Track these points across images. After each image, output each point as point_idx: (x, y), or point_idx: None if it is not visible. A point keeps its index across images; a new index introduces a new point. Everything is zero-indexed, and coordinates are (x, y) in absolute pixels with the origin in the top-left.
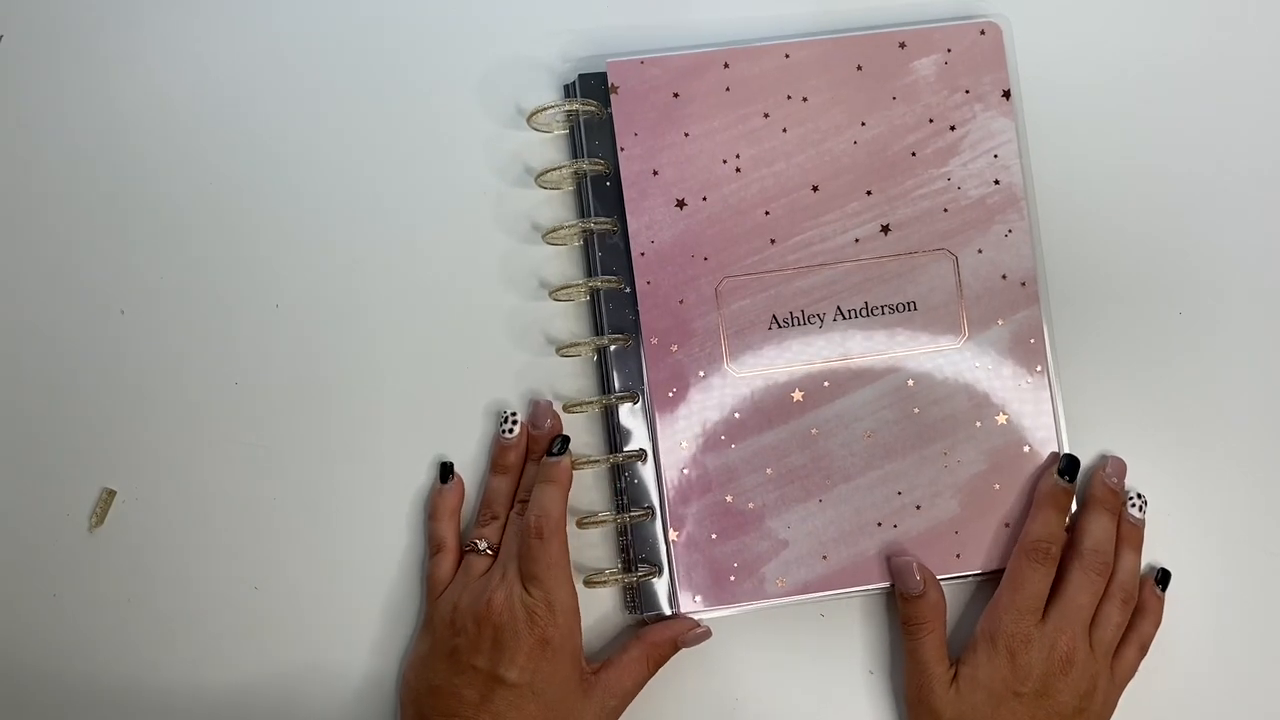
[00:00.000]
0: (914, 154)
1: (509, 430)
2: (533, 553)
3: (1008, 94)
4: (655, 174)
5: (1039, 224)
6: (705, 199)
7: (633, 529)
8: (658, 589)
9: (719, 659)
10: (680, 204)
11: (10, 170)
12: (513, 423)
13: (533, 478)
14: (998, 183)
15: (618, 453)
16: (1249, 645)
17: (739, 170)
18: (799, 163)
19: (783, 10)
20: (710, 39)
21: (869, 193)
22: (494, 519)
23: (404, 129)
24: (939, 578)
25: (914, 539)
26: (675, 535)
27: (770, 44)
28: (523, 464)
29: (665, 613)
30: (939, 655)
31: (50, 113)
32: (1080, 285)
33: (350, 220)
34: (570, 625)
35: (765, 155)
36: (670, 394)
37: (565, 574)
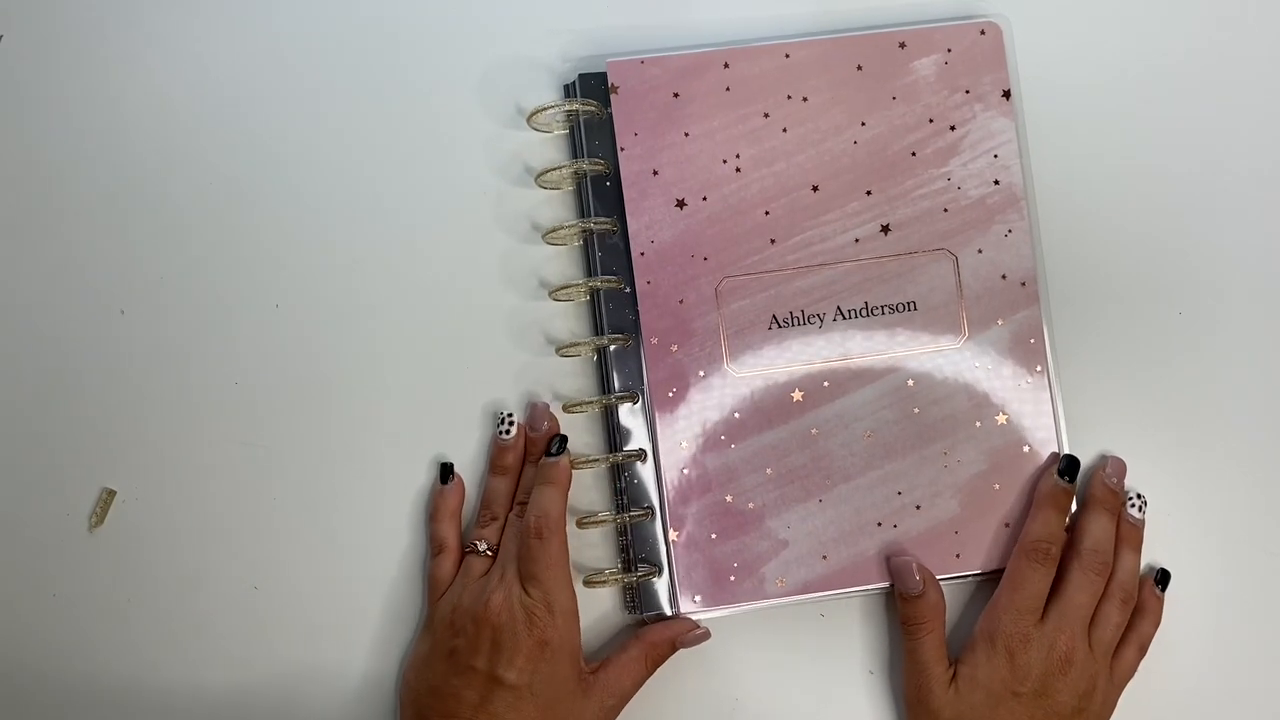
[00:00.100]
0: (914, 154)
1: (506, 431)
2: (532, 553)
3: (1008, 94)
4: (655, 174)
5: (1039, 224)
6: (705, 199)
7: (632, 529)
8: (657, 589)
9: (719, 659)
10: (680, 204)
11: (10, 170)
12: (509, 424)
13: (532, 479)
14: (998, 183)
15: (617, 453)
16: (1249, 645)
17: (739, 170)
18: (799, 163)
19: (783, 10)
20: (710, 39)
21: (869, 193)
22: (493, 520)
23: (404, 129)
24: (939, 578)
25: (914, 539)
26: (675, 535)
27: (770, 44)
28: (521, 465)
29: (665, 613)
30: (938, 655)
31: (50, 113)
32: (1080, 285)
33: (350, 220)
34: (569, 626)
35: (765, 155)
36: (670, 394)
37: (564, 574)
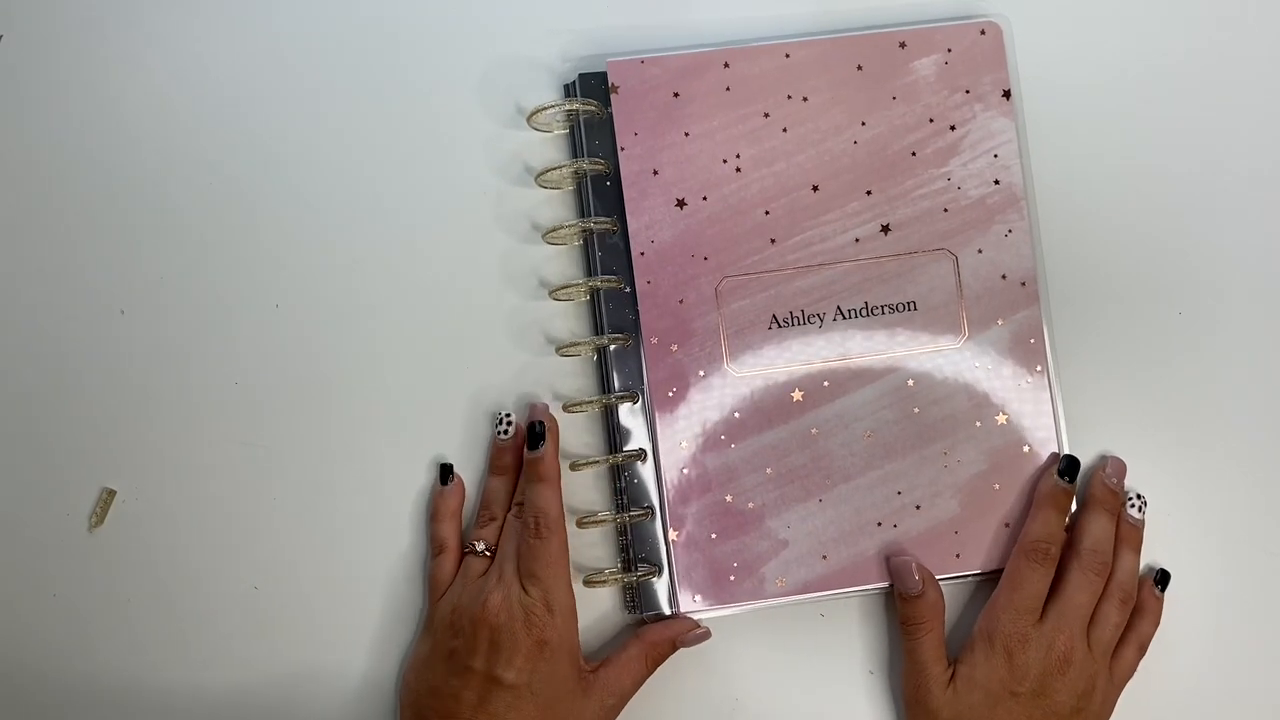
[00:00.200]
0: (914, 154)
1: (504, 431)
2: (532, 551)
3: (1008, 94)
4: (655, 174)
5: (1039, 224)
6: (705, 199)
7: (632, 529)
8: (657, 589)
9: (719, 659)
10: (680, 204)
11: (10, 170)
12: (508, 424)
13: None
14: (998, 183)
15: (617, 452)
16: (1249, 645)
17: (739, 170)
18: (799, 162)
19: (783, 10)
20: (710, 39)
21: (869, 193)
22: (492, 520)
23: (404, 129)
24: (939, 578)
25: (914, 539)
26: (675, 535)
27: (770, 44)
28: (519, 465)
29: (665, 612)
30: (937, 655)
31: (50, 113)
32: (1080, 285)
33: (350, 220)
34: (568, 625)
35: (765, 155)
36: (670, 394)
37: (564, 573)
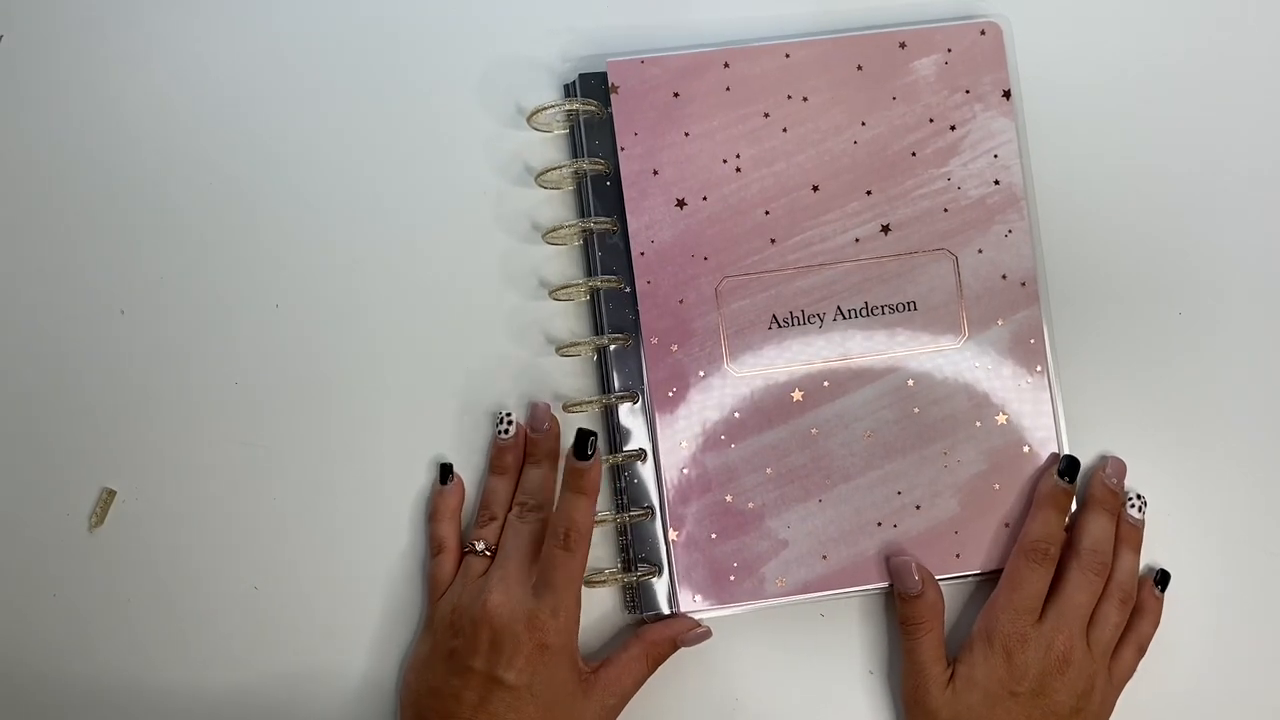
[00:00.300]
0: (914, 154)
1: (505, 431)
2: (555, 561)
3: (1008, 94)
4: (655, 174)
5: (1039, 224)
6: (705, 199)
7: (632, 528)
8: (657, 589)
9: (719, 659)
10: (680, 204)
11: (10, 170)
12: (508, 423)
13: (531, 478)
14: (998, 183)
15: (617, 452)
16: (1249, 645)
17: (739, 170)
18: (799, 162)
19: (783, 10)
20: (710, 39)
21: (869, 193)
22: (492, 520)
23: (404, 129)
24: (939, 578)
25: (914, 539)
26: (675, 535)
27: (770, 44)
28: (520, 465)
29: (665, 612)
30: (936, 655)
31: (50, 113)
32: (1080, 285)
33: (350, 220)
34: (570, 629)
35: (765, 155)
36: (670, 394)
37: (578, 586)
